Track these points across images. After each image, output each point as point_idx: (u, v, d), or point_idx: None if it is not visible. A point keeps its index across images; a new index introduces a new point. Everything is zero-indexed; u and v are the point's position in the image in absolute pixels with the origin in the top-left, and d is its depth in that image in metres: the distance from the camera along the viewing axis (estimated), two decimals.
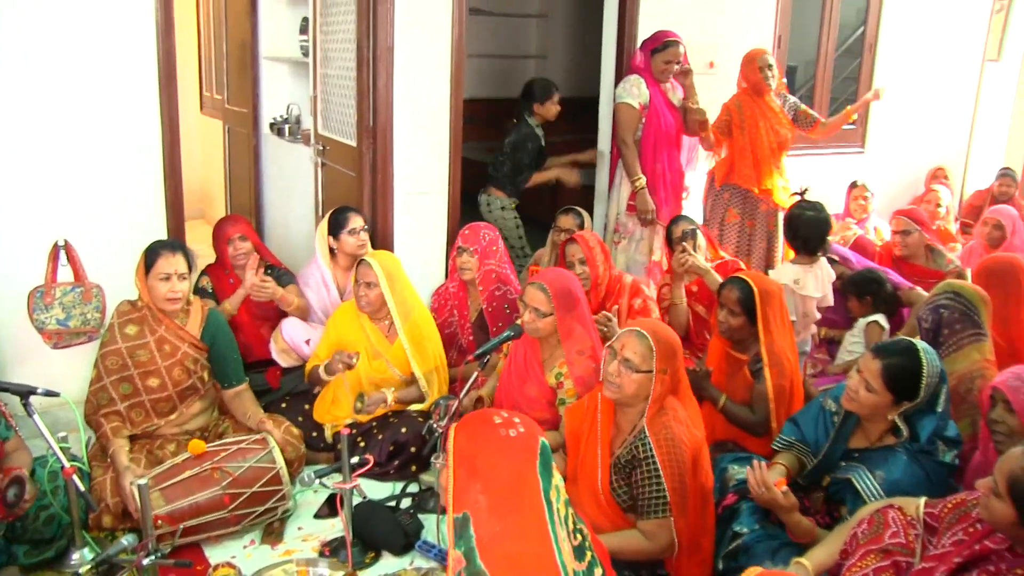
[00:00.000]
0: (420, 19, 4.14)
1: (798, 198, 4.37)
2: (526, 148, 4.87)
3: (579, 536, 1.96)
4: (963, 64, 7.17)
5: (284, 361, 3.90)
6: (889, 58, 6.58)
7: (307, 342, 3.86)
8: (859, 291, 4.10)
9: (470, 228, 4.07)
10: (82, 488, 2.75)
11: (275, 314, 4.00)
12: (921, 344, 2.68)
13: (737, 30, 5.55)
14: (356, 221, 3.98)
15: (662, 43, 4.69)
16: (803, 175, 5.52)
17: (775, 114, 4.87)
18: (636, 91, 4.70)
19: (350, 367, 3.45)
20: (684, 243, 4.05)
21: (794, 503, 2.56)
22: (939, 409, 2.67)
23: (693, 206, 5.15)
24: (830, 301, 4.09)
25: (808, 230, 4.11)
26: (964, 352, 3.31)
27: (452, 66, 4.28)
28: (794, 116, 4.88)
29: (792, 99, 4.94)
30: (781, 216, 4.84)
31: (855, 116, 4.94)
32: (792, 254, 4.28)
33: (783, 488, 2.57)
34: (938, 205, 6.28)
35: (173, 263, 3.16)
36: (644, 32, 4.93)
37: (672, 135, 4.77)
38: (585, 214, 4.55)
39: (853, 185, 6.00)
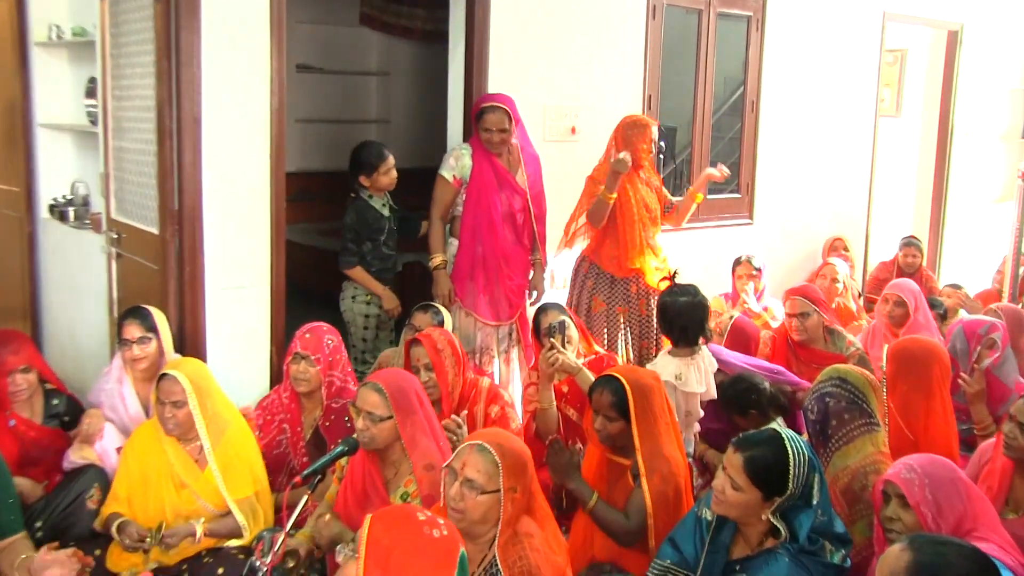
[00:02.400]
0: (233, 82, 4.30)
1: (668, 283, 4.66)
2: (364, 227, 5.01)
3: None
4: (856, 121, 7.79)
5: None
6: (774, 117, 7.11)
7: (118, 450, 3.93)
8: (739, 407, 4.31)
9: (312, 331, 4.13)
10: None
11: (52, 456, 4.06)
12: (786, 431, 2.95)
13: (602, 91, 5.91)
14: (131, 331, 4.11)
15: (479, 109, 4.89)
16: (684, 253, 5.84)
17: (647, 186, 5.21)
18: (454, 162, 4.97)
19: (144, 551, 3.53)
20: (552, 337, 4.17)
21: None
22: (814, 502, 2.91)
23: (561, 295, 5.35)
24: (713, 394, 4.36)
25: (684, 318, 4.34)
26: (856, 445, 3.56)
27: (272, 136, 4.47)
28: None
29: (656, 180, 5.31)
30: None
31: (700, 196, 5.36)
32: (669, 344, 4.51)
33: None
34: (835, 280, 6.65)
35: None
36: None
37: (503, 218, 5.00)
38: (446, 312, 4.68)
39: (737, 262, 6.29)
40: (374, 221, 5.05)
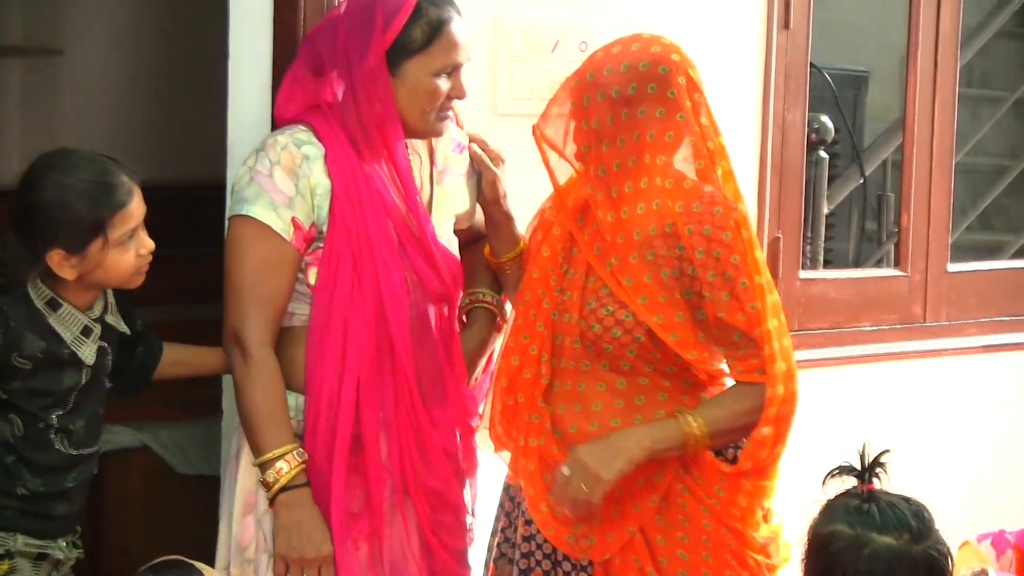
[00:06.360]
0: None
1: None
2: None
3: None
4: None
5: None
6: None
7: None
8: None
9: None
10: None
11: None
12: None
13: None
14: None
15: (437, 22, 2.97)
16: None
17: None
18: (286, 179, 2.96)
19: None
20: None
21: None
22: None
23: None
24: None
25: None
26: None
27: None
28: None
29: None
30: None
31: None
32: None
33: None
34: None
35: None
36: None
37: (415, 321, 3.17)
38: (207, 572, 3.27)
39: None
40: (47, 366, 3.03)
